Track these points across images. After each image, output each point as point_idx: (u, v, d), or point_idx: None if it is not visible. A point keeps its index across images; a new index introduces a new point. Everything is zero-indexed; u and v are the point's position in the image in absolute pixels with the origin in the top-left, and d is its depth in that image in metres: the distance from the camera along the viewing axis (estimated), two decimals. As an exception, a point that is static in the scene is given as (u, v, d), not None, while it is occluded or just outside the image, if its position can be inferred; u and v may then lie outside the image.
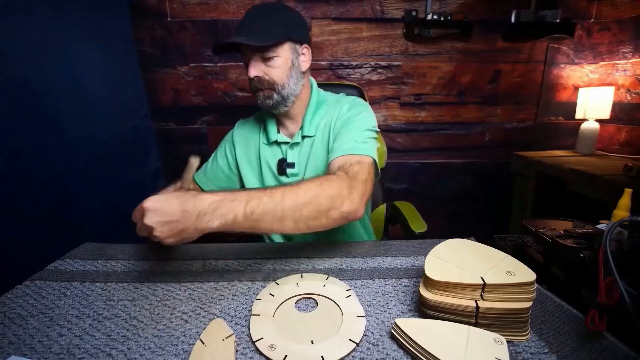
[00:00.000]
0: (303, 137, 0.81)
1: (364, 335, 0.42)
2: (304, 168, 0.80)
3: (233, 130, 0.90)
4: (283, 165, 0.81)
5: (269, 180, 0.83)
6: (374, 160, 0.69)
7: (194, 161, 0.59)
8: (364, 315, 0.45)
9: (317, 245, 0.67)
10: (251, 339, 0.41)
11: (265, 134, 0.84)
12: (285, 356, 0.38)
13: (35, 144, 0.82)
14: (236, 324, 0.44)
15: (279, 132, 0.83)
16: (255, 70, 0.73)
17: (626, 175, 1.18)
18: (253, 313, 0.45)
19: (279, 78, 0.74)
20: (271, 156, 0.83)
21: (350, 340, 0.40)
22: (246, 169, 0.86)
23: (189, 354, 0.38)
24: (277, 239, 0.84)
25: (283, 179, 0.82)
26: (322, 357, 0.38)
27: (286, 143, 0.82)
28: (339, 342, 0.40)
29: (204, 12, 1.51)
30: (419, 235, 0.87)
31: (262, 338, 0.41)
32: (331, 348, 0.39)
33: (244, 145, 0.87)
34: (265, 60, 0.72)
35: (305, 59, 0.78)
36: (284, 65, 0.74)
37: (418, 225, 0.92)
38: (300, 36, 0.76)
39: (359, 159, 0.66)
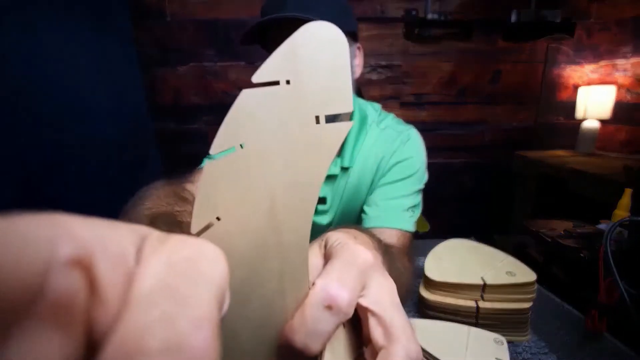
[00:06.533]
0: (342, 168, 0.63)
1: None
2: (337, 204, 0.66)
3: None
4: None
5: None
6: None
7: None
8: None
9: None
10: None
11: None
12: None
13: (34, 143, 0.82)
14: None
15: None
16: None
17: (626, 175, 1.18)
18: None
19: None
20: None
21: None
22: None
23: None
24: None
25: None
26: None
27: None
28: None
29: (204, 12, 1.51)
30: (421, 235, 0.87)
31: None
32: None
33: None
34: None
35: (358, 62, 0.60)
36: None
37: (420, 225, 0.92)
38: (356, 31, 0.58)
39: (407, 239, 0.54)
